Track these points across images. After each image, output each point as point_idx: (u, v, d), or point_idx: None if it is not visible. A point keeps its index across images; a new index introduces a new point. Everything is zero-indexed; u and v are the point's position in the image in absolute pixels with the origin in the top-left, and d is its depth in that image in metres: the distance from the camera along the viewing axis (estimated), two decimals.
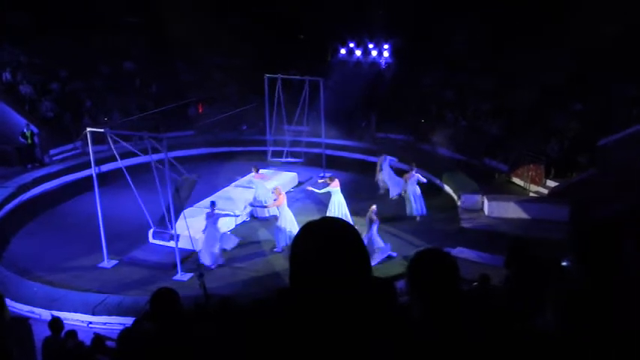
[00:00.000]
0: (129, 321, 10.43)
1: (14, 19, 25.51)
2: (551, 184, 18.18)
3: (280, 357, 2.00)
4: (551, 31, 21.06)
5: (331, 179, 16.66)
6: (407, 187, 17.32)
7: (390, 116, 24.51)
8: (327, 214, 16.36)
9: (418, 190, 17.16)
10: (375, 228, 14.19)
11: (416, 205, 17.13)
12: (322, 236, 2.04)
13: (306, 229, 2.09)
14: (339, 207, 16.36)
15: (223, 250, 14.90)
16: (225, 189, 19.03)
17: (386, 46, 27.10)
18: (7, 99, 23.08)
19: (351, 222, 16.11)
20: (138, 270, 14.56)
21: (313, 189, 17.01)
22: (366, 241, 13.94)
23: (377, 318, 2.08)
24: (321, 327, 1.98)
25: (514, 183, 19.23)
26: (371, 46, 27.38)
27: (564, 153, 18.53)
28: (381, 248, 14.29)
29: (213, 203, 15.05)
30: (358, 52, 27.61)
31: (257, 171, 18.16)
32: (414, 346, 2.23)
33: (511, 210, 16.48)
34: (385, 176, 19.29)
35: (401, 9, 25.19)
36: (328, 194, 16.60)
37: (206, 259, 14.60)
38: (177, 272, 14.11)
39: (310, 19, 27.76)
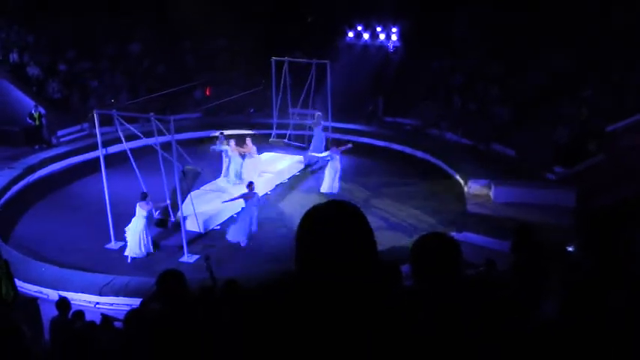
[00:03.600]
0: (135, 302, 10.49)
1: (21, 0, 25.46)
2: (558, 169, 18.10)
3: (286, 340, 2.00)
4: (563, 17, 20.94)
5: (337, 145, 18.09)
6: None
7: (398, 100, 24.40)
8: (325, 178, 17.57)
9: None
10: None
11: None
12: (328, 220, 2.03)
13: (313, 213, 2.08)
14: (335, 173, 17.55)
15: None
16: None
17: (394, 30, 26.88)
18: (14, 80, 23.11)
19: (338, 189, 16.51)
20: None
21: (315, 154, 18.67)
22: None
23: (382, 301, 2.08)
24: (326, 311, 1.99)
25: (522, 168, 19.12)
26: (379, 29, 27.16)
27: (573, 139, 18.41)
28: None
29: (251, 183, 15.23)
30: (366, 36, 27.41)
31: (227, 139, 18.24)
32: (418, 330, 2.23)
33: (518, 195, 16.42)
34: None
35: None
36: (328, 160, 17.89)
37: (240, 238, 14.78)
38: (183, 254, 14.18)
39: (318, 1, 27.61)
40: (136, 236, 14.17)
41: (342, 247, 1.98)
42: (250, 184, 15.17)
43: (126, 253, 14.31)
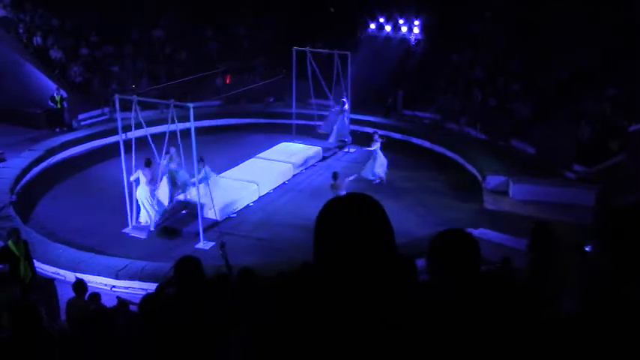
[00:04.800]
0: (151, 286, 10.59)
1: None
2: (578, 168, 17.90)
3: (302, 331, 2.00)
4: (586, 13, 20.65)
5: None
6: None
7: (418, 93, 24.25)
8: (367, 165, 17.96)
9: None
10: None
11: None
12: (347, 213, 2.02)
13: (332, 206, 2.06)
14: (377, 164, 17.83)
15: None
16: (248, 161, 19.03)
17: (416, 22, 26.67)
18: (37, 63, 23.32)
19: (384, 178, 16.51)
20: (161, 237, 14.79)
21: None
22: None
23: (398, 295, 2.07)
24: (342, 304, 1.98)
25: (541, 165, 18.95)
26: (401, 21, 26.97)
27: (595, 137, 18.18)
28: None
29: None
30: (388, 28, 27.25)
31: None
32: (434, 325, 2.22)
33: (536, 193, 16.27)
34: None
35: None
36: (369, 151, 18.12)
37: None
38: (199, 240, 14.27)
39: None
40: (146, 203, 14.58)
41: (360, 242, 1.96)
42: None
43: (140, 221, 14.69)
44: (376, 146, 17.90)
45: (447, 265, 2.84)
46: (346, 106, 21.06)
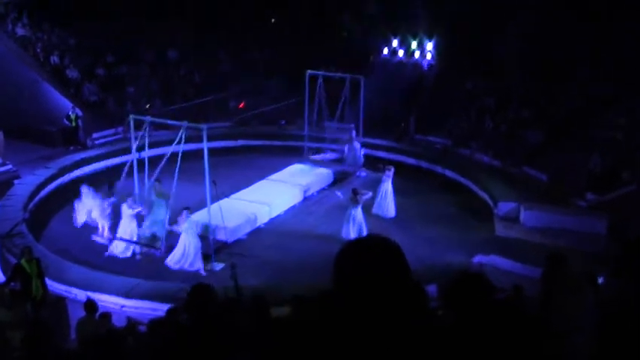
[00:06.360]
0: (160, 306, 10.61)
1: (63, 4, 26.09)
2: (590, 196, 17.83)
3: (322, 355, 2.06)
4: (598, 41, 20.76)
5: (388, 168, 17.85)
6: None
7: (430, 118, 24.31)
8: (376, 201, 17.41)
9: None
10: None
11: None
12: (368, 256, 2.09)
13: (353, 248, 2.14)
14: (385, 195, 17.46)
15: None
16: (259, 183, 19.08)
17: (429, 47, 26.85)
18: (53, 82, 23.65)
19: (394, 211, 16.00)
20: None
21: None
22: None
23: (412, 325, 2.12)
24: (362, 332, 2.04)
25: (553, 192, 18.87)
26: (414, 47, 27.15)
27: (607, 166, 18.13)
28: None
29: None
30: (401, 52, 27.44)
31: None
32: (443, 351, 2.27)
33: (548, 220, 16.21)
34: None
35: (447, 10, 25.04)
36: (379, 181, 17.77)
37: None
38: (210, 262, 14.30)
39: (356, 17, 27.79)
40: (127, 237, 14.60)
41: (379, 282, 2.03)
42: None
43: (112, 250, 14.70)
44: (387, 182, 17.66)
45: (459, 304, 2.92)
46: (353, 133, 21.13)
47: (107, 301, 11.98)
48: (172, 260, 14.17)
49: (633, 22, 20.13)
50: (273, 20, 30.45)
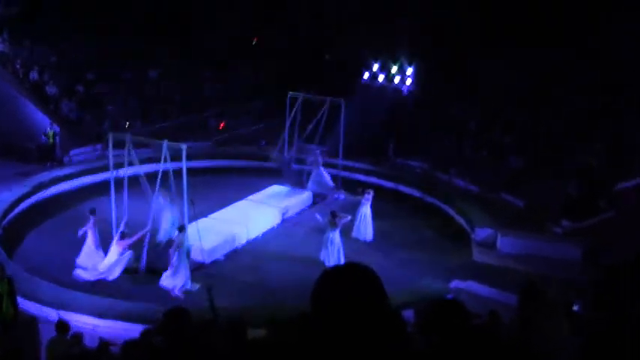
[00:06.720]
0: (134, 327, 10.46)
1: (47, 21, 25.99)
2: (566, 223, 18.01)
3: None
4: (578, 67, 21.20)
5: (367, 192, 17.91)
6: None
7: (410, 142, 24.47)
8: (355, 224, 17.41)
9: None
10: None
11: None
12: (345, 283, 2.12)
13: (331, 276, 2.16)
14: (364, 219, 17.49)
15: None
16: (238, 203, 18.98)
17: (409, 72, 27.09)
18: (33, 98, 23.47)
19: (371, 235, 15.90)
20: (147, 277, 14.64)
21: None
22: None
23: (388, 348, 2.14)
24: (338, 356, 2.04)
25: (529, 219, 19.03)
26: (394, 71, 27.38)
27: (583, 193, 18.35)
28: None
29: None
30: (381, 77, 27.67)
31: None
32: None
33: (524, 246, 16.33)
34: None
35: (430, 36, 25.39)
36: (357, 204, 17.80)
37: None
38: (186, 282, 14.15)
39: (338, 40, 28.05)
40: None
41: (356, 310, 2.06)
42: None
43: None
44: (365, 206, 17.70)
45: (435, 331, 2.96)
46: (319, 157, 21.18)
47: (80, 320, 11.80)
48: (165, 281, 14.04)
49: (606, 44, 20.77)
50: (254, 42, 30.60)
